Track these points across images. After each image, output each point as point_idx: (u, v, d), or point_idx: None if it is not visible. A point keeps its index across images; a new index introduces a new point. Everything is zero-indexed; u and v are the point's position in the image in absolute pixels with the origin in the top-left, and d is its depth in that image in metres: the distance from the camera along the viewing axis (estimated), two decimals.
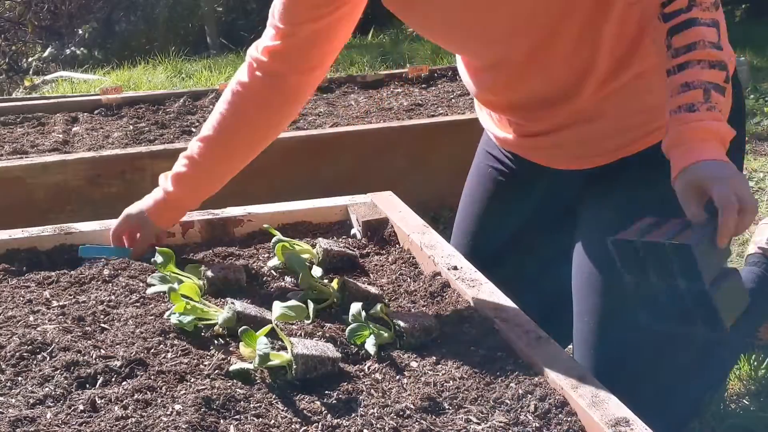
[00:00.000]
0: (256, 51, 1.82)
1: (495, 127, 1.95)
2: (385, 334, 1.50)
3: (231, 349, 1.49)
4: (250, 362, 1.38)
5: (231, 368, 1.39)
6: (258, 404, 1.31)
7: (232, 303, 1.54)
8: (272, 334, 1.44)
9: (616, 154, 1.78)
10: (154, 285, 1.68)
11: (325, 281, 1.71)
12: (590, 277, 1.76)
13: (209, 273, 1.71)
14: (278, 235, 1.86)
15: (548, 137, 1.83)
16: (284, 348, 1.41)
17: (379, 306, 1.51)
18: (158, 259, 1.73)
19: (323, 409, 1.30)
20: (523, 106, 1.83)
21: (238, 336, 1.44)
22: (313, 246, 1.87)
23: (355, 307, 1.53)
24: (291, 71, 1.80)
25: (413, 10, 1.74)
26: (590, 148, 1.81)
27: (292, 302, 1.53)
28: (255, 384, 1.37)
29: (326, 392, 1.34)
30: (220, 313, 1.54)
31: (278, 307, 1.49)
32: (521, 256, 1.97)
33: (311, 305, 1.59)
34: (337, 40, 1.80)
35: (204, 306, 1.56)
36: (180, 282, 1.65)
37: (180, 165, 1.88)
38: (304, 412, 1.29)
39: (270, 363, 1.37)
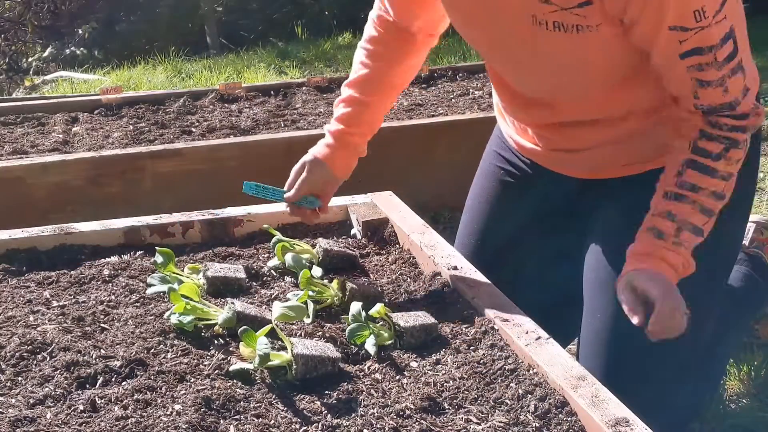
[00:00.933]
0: (380, 18, 1.92)
1: (517, 135, 1.93)
2: (385, 334, 1.50)
3: (231, 349, 1.49)
4: (250, 362, 1.38)
5: (231, 368, 1.39)
6: (258, 404, 1.31)
7: (232, 303, 1.54)
8: (272, 334, 1.44)
9: (644, 167, 1.77)
10: (154, 285, 1.68)
11: (325, 281, 1.71)
12: (605, 276, 1.76)
13: (209, 273, 1.71)
14: (278, 235, 1.86)
15: (580, 154, 1.82)
16: (284, 348, 1.41)
17: (379, 306, 1.51)
18: (158, 259, 1.72)
19: (323, 409, 1.30)
20: (560, 126, 1.81)
21: (238, 336, 1.44)
22: (313, 246, 1.87)
23: (355, 307, 1.53)
24: (413, 38, 1.92)
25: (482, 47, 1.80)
26: (620, 161, 1.79)
27: (292, 302, 1.53)
28: (255, 384, 1.37)
29: (326, 392, 1.34)
30: (220, 313, 1.54)
31: (278, 307, 1.49)
32: (523, 257, 1.97)
33: (311, 305, 1.59)
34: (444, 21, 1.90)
35: (204, 306, 1.56)
36: (180, 282, 1.65)
37: (341, 108, 1.90)
38: (304, 412, 1.29)
39: (270, 363, 1.37)
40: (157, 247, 1.76)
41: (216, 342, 1.51)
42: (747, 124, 1.57)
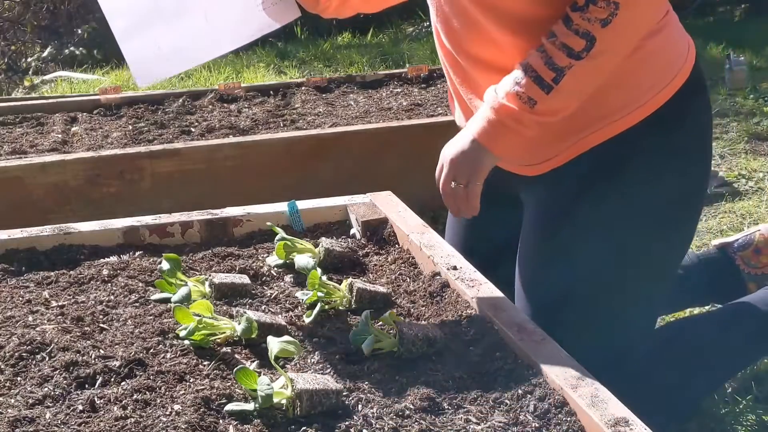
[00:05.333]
0: None
1: (460, 116, 1.92)
2: (388, 341, 1.48)
3: (231, 350, 1.49)
4: (248, 402, 1.31)
5: (227, 408, 1.29)
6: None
7: (244, 312, 1.51)
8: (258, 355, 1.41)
9: (547, 164, 1.74)
10: (160, 292, 1.67)
11: (334, 283, 1.70)
12: (518, 291, 1.78)
13: (215, 281, 1.70)
14: (281, 233, 1.85)
15: None
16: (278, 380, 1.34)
17: (388, 313, 1.50)
18: (164, 266, 1.71)
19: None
20: (466, 77, 1.78)
21: (243, 342, 1.44)
22: (316, 246, 1.87)
23: (365, 314, 1.51)
24: None
25: None
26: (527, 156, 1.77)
27: (286, 338, 1.44)
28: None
29: None
30: (229, 322, 1.51)
31: (275, 342, 1.39)
32: (511, 257, 1.95)
33: (318, 306, 1.59)
34: None
35: (215, 321, 1.53)
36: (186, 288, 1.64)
37: None
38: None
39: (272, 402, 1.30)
40: (163, 254, 1.74)
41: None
42: None
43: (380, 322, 1.51)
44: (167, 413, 1.27)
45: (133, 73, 1.88)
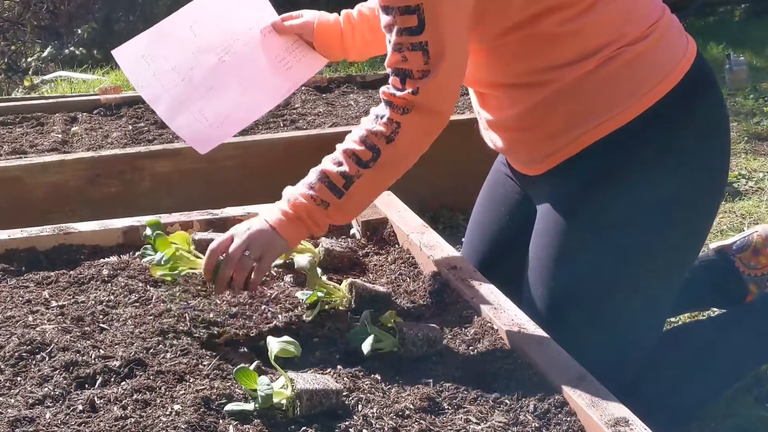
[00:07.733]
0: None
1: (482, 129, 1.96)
2: (388, 341, 1.48)
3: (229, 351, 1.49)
4: (248, 402, 1.31)
5: (227, 408, 1.29)
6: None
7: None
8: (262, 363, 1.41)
9: (544, 165, 1.77)
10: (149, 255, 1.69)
11: (334, 283, 1.70)
12: (527, 294, 1.78)
13: (195, 236, 1.70)
14: None
15: (497, 133, 1.85)
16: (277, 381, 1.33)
17: (388, 313, 1.50)
18: (147, 231, 1.70)
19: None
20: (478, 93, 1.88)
21: (243, 342, 1.44)
22: (316, 246, 1.87)
23: (365, 314, 1.51)
24: None
25: None
26: (521, 155, 1.82)
27: (286, 337, 1.42)
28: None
29: None
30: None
31: (275, 342, 1.39)
32: (523, 257, 1.96)
33: (318, 306, 1.59)
34: None
35: (191, 256, 1.50)
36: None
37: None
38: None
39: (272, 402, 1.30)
40: (146, 221, 1.77)
41: (215, 342, 1.51)
42: (396, 101, 1.64)
43: (380, 322, 1.51)
44: (167, 413, 1.27)
45: (191, 145, 1.93)
